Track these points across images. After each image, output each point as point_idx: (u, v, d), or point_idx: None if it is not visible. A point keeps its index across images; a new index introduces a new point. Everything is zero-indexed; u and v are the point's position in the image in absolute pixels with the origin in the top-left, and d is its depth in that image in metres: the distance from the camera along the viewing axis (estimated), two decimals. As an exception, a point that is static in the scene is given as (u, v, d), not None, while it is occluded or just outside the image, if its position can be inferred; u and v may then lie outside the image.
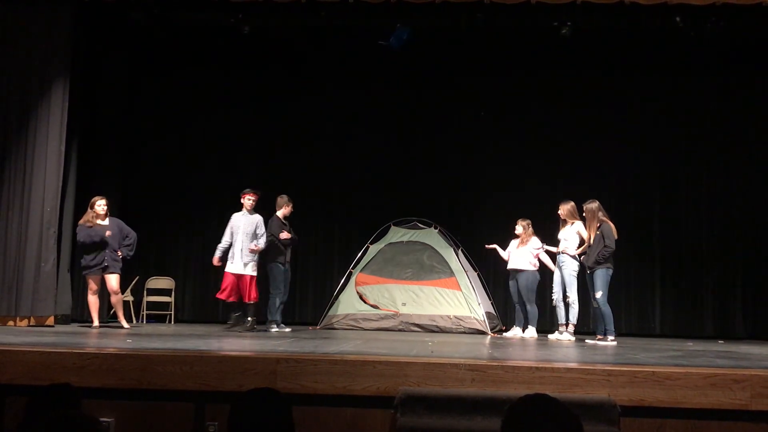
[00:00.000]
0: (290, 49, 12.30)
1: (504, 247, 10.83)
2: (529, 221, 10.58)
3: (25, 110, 9.96)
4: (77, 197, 10.60)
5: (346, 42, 12.07)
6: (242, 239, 10.02)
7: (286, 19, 10.71)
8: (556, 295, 9.96)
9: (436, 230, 11.61)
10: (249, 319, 10.01)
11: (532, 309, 10.35)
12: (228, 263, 10.08)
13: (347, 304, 11.32)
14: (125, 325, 9.79)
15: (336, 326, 11.05)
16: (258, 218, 10.13)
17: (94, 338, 7.74)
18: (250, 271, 10.04)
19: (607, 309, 9.22)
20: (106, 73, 11.56)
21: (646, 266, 12.32)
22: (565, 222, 10.00)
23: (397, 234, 11.74)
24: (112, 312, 11.54)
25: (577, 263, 9.79)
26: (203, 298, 12.69)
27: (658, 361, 6.14)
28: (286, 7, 10.09)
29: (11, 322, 9.57)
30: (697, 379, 5.04)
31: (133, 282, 11.63)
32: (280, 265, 10.13)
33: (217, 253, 10.15)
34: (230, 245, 10.06)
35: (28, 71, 10.02)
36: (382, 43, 11.11)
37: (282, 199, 10.42)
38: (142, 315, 11.85)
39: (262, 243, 10.00)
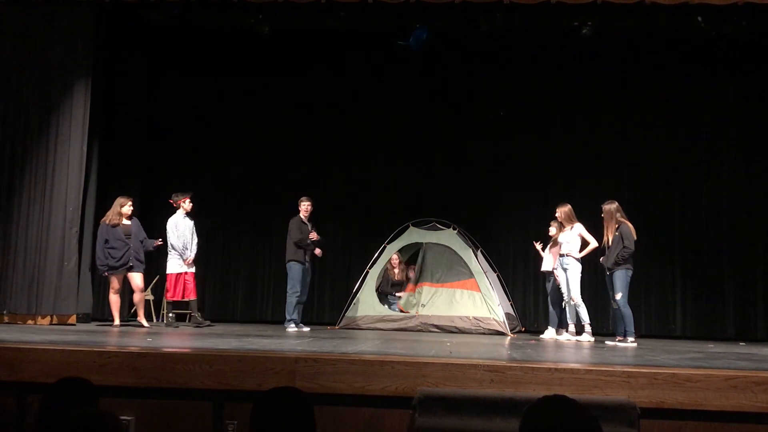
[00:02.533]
0: (308, 51, 12.33)
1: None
2: (560, 223, 10.50)
3: (47, 110, 10.06)
4: (98, 197, 10.70)
5: (364, 42, 12.07)
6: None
7: (306, 19, 10.74)
8: (567, 295, 9.91)
9: (455, 231, 11.58)
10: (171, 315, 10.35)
11: (555, 310, 10.32)
12: (181, 264, 10.29)
13: (366, 304, 11.34)
14: (145, 323, 9.84)
15: (354, 327, 11.07)
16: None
17: (114, 337, 7.79)
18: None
19: (627, 310, 9.18)
20: (126, 73, 11.66)
21: (666, 267, 12.24)
22: (563, 225, 9.99)
23: (415, 235, 11.72)
24: (132, 311, 11.63)
25: (581, 265, 9.77)
26: (223, 297, 12.76)
27: (678, 363, 6.10)
28: (305, 8, 10.11)
29: (31, 321, 9.67)
30: (717, 381, 5.00)
31: (153, 281, 11.68)
32: (299, 264, 10.25)
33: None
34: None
35: (49, 71, 10.12)
36: (401, 44, 11.11)
37: (303, 198, 10.61)
38: (163, 314, 11.91)
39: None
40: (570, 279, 9.75)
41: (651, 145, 12.39)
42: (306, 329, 10.14)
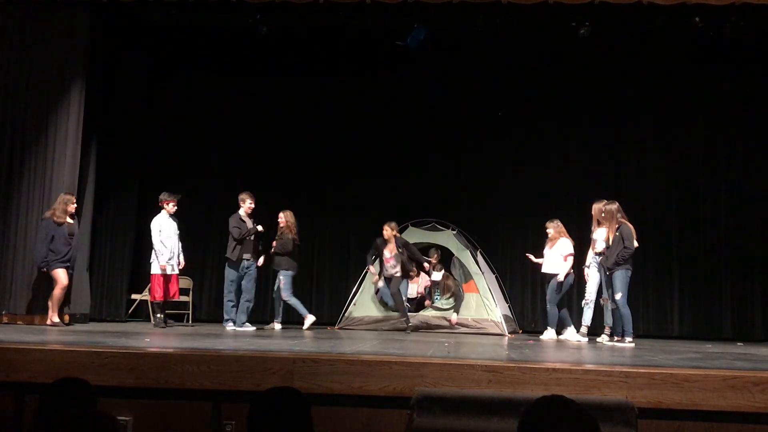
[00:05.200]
0: (306, 50, 12.31)
1: (538, 255, 10.72)
2: (557, 222, 10.40)
3: (45, 110, 10.07)
4: (96, 197, 10.71)
5: (363, 42, 12.06)
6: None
7: (304, 19, 10.74)
8: (590, 295, 9.75)
9: (454, 232, 11.55)
10: (159, 316, 10.18)
11: (552, 310, 10.19)
12: (170, 265, 10.16)
13: (366, 305, 11.33)
14: (56, 320, 9.48)
15: (354, 327, 11.06)
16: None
17: (112, 337, 7.77)
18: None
19: (626, 310, 9.13)
20: (124, 74, 11.65)
21: (665, 268, 12.23)
22: (600, 223, 9.71)
23: (414, 235, 11.69)
24: (130, 311, 11.63)
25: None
26: (221, 298, 12.74)
27: (676, 363, 6.11)
28: (304, 8, 10.11)
29: (20, 321, 9.62)
30: (715, 381, 5.01)
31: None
32: (234, 264, 10.18)
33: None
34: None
35: (47, 72, 10.13)
36: (400, 44, 11.10)
37: (242, 195, 10.44)
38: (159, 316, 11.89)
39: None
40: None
41: (649, 145, 12.41)
42: (251, 328, 10.03)
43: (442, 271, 11.40)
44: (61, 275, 9.48)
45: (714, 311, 11.99)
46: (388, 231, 10.92)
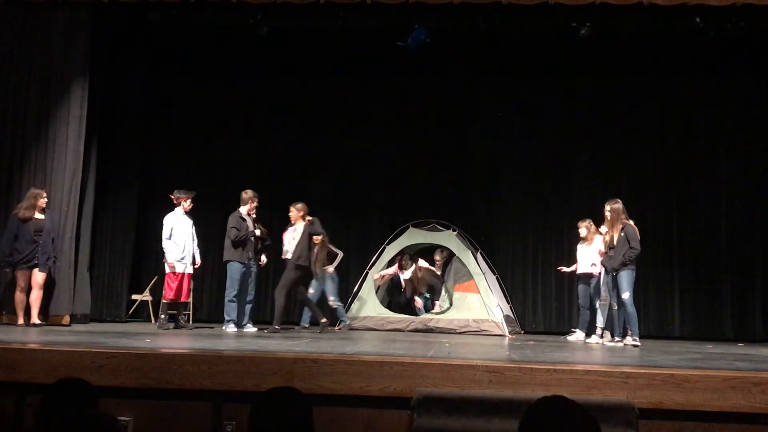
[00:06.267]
0: (307, 50, 12.30)
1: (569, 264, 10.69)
2: (590, 221, 10.28)
3: (45, 111, 10.06)
4: (97, 197, 10.70)
5: (362, 42, 12.05)
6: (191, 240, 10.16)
7: (305, 20, 10.73)
8: (605, 295, 9.62)
9: (455, 233, 11.56)
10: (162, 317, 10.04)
11: (605, 310, 10.08)
12: (182, 264, 10.04)
13: (366, 305, 11.34)
14: (37, 321, 9.34)
15: (354, 327, 11.05)
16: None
17: (112, 337, 7.77)
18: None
19: (632, 310, 9.02)
20: (125, 74, 11.66)
21: (665, 268, 12.24)
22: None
23: (415, 236, 11.71)
24: (131, 311, 11.62)
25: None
26: (221, 298, 12.73)
27: (676, 364, 6.11)
28: (304, 8, 10.11)
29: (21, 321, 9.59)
30: (716, 381, 5.01)
31: (152, 282, 11.68)
32: (237, 264, 9.93)
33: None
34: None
35: (47, 72, 10.13)
36: (400, 44, 11.10)
37: (246, 194, 10.21)
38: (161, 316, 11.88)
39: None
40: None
41: (650, 146, 12.40)
42: (253, 329, 9.95)
43: (413, 267, 11.49)
44: (19, 278, 9.27)
45: (714, 312, 12.00)
46: (293, 212, 10.29)
